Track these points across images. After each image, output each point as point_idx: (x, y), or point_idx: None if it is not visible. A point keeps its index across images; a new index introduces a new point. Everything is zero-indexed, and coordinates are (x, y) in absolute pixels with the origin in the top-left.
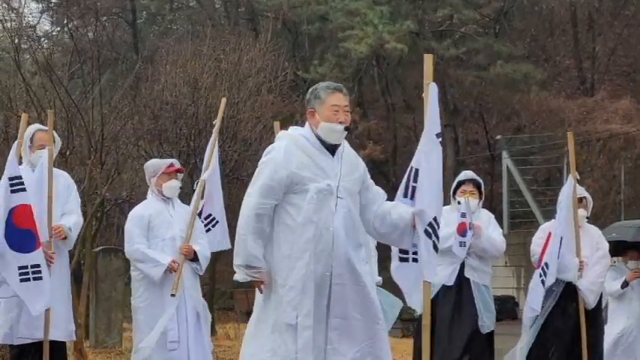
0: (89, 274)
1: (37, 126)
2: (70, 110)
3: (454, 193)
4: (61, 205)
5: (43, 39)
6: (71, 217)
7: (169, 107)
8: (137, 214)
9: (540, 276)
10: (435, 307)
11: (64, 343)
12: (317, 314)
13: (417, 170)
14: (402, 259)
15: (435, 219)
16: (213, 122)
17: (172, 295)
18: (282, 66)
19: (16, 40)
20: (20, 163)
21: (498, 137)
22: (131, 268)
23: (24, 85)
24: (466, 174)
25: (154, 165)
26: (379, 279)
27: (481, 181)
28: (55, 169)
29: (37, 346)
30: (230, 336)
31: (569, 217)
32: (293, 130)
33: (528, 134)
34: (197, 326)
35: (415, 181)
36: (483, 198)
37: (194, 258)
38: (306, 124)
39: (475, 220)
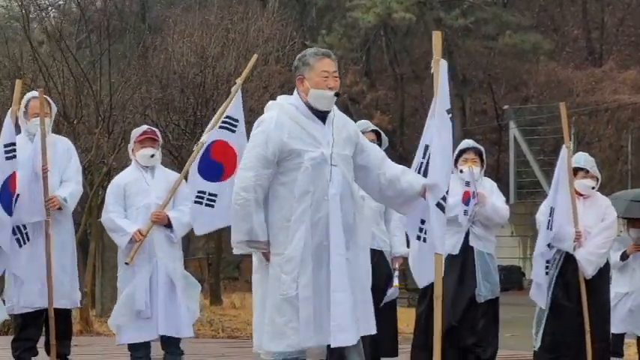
0: (95, 243)
1: (32, 93)
2: (78, 79)
3: (456, 162)
4: (59, 172)
5: (51, 8)
6: (68, 187)
7: (177, 77)
8: (115, 182)
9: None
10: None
11: (69, 311)
12: (316, 286)
13: (426, 146)
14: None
15: (447, 192)
16: (236, 80)
17: (126, 264)
18: (289, 36)
19: (24, 11)
20: (19, 131)
21: (506, 107)
22: None
23: (32, 53)
24: (467, 142)
25: (132, 133)
26: (407, 250)
27: (482, 148)
28: (54, 135)
29: (40, 314)
30: (236, 305)
31: (565, 187)
32: (282, 100)
33: (536, 104)
34: (171, 296)
35: (424, 157)
36: (485, 166)
37: (169, 225)
38: (295, 92)
39: (478, 189)
